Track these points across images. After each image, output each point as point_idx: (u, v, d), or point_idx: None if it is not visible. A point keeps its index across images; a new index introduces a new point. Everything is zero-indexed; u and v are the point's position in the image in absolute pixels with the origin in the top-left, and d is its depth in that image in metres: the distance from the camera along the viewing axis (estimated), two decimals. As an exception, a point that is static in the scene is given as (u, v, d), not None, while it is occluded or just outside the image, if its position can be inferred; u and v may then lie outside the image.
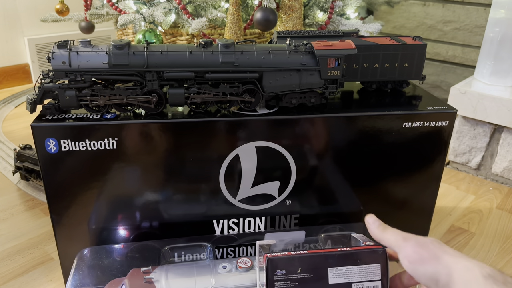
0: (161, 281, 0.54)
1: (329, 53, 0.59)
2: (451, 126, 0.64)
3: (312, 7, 0.99)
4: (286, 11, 0.93)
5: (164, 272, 0.56)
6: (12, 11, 1.77)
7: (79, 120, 0.56)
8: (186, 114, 0.60)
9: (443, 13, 1.40)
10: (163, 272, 0.56)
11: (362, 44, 0.64)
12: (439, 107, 0.64)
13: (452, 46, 1.41)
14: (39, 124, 0.55)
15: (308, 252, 0.45)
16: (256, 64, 0.58)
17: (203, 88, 0.58)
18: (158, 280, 0.54)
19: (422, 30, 1.45)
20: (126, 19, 0.90)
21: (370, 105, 0.67)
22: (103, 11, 1.00)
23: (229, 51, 0.57)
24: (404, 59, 0.67)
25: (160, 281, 0.54)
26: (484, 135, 1.07)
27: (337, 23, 1.00)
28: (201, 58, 0.57)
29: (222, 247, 0.67)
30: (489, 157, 1.09)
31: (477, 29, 1.34)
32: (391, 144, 0.64)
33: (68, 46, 0.55)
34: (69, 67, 0.55)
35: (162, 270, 0.56)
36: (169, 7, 0.92)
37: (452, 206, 0.96)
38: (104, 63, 0.55)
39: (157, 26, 0.96)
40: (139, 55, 0.55)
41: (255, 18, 0.88)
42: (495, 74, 1.05)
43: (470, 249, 0.81)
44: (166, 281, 0.54)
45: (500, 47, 1.03)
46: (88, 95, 0.56)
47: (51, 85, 0.56)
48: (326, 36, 0.68)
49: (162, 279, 0.55)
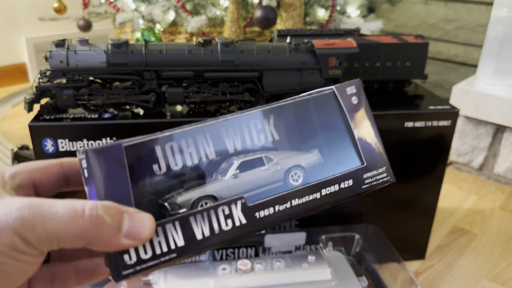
0: (160, 283, 0.54)
1: (330, 51, 0.58)
2: (453, 126, 0.64)
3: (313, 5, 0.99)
4: (286, 9, 0.93)
5: (163, 274, 0.55)
6: (10, 10, 1.76)
7: (76, 120, 0.55)
8: (185, 114, 0.59)
9: (445, 11, 1.39)
10: (161, 274, 0.55)
11: (364, 43, 0.64)
12: (441, 107, 0.63)
13: (454, 45, 1.40)
14: (36, 124, 0.54)
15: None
16: (256, 63, 0.57)
17: (202, 87, 0.57)
18: (156, 282, 0.54)
19: (423, 28, 1.44)
20: (125, 18, 0.89)
21: (372, 104, 0.65)
22: (101, 9, 0.99)
23: (229, 49, 0.56)
24: (406, 58, 0.66)
25: (158, 283, 0.54)
26: (486, 135, 1.06)
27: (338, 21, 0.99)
28: (200, 57, 0.56)
29: (221, 249, 0.66)
30: (491, 157, 1.08)
31: (479, 28, 1.33)
32: (393, 144, 0.63)
33: (66, 45, 0.54)
34: (67, 66, 0.54)
35: (160, 272, 0.56)
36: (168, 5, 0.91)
37: (454, 206, 0.96)
38: (102, 62, 0.54)
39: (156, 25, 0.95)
40: (137, 54, 0.55)
41: (255, 16, 0.87)
42: (498, 73, 1.05)
43: (472, 250, 0.80)
44: (165, 283, 0.54)
45: (503, 46, 1.02)
46: (86, 94, 0.55)
47: (48, 84, 0.55)
48: (327, 35, 0.68)
49: (161, 281, 0.54)
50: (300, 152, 0.29)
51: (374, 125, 0.31)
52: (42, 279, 0.26)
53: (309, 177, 0.28)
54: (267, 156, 0.28)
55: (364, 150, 0.30)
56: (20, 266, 0.20)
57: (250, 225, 0.26)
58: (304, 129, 0.29)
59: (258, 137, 0.28)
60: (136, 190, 0.24)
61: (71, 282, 0.26)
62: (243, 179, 0.27)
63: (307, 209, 0.27)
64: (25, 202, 0.20)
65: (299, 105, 0.29)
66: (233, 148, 0.27)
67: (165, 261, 0.24)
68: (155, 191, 0.25)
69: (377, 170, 0.30)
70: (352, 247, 0.65)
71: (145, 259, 0.23)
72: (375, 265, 0.62)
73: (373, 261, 0.63)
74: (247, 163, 0.27)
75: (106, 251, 0.22)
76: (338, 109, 0.30)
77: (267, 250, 0.65)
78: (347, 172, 0.29)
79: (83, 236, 0.21)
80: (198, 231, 0.25)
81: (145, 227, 0.22)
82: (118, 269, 0.23)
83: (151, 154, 0.25)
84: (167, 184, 0.25)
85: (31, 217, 0.20)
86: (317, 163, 0.29)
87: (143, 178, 0.25)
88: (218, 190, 0.26)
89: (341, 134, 0.30)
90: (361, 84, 0.31)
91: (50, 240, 0.20)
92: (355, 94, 0.31)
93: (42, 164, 0.26)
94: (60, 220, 0.20)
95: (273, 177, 0.28)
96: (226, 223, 0.25)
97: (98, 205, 0.21)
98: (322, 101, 0.30)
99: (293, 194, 0.27)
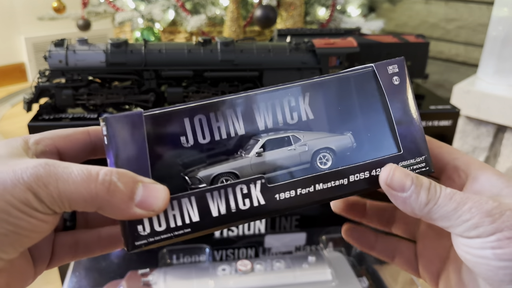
0: (159, 284, 0.53)
1: (330, 51, 0.58)
2: (454, 126, 0.63)
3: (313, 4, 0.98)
4: (286, 8, 0.92)
5: (162, 275, 0.55)
6: (9, 10, 1.76)
7: (76, 120, 0.55)
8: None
9: (446, 11, 1.39)
10: (161, 274, 0.55)
11: (364, 42, 0.63)
12: (442, 107, 0.63)
13: (455, 44, 1.40)
14: (35, 124, 0.54)
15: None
16: (256, 62, 0.57)
17: (202, 87, 0.57)
18: (156, 282, 0.54)
19: (424, 28, 1.44)
20: (124, 17, 0.89)
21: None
22: (101, 8, 0.98)
23: (229, 49, 0.56)
24: (407, 57, 0.66)
25: (158, 283, 0.54)
26: (487, 135, 1.06)
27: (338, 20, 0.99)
28: (200, 56, 0.56)
29: (221, 249, 0.66)
30: (492, 157, 1.07)
31: (480, 28, 1.33)
32: (394, 144, 0.63)
33: (65, 45, 0.54)
34: (66, 65, 0.54)
35: (160, 272, 0.55)
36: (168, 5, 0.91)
37: (455, 206, 0.95)
38: (101, 61, 0.54)
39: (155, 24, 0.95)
40: (137, 54, 0.54)
41: (255, 16, 0.87)
42: (499, 73, 1.04)
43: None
44: (165, 284, 0.53)
45: (504, 45, 1.02)
46: (85, 94, 0.55)
47: (47, 84, 0.55)
48: (327, 34, 0.67)
49: (160, 281, 0.54)
50: (331, 134, 0.27)
51: (416, 109, 0.28)
52: (65, 246, 0.26)
53: (339, 161, 0.26)
54: (294, 135, 0.26)
55: (402, 136, 0.27)
56: (33, 222, 0.20)
57: (269, 206, 0.25)
58: (340, 109, 0.27)
59: (291, 115, 0.26)
60: (160, 161, 0.24)
61: (94, 249, 0.26)
62: (267, 158, 0.26)
63: (333, 195, 0.26)
64: (42, 161, 0.21)
65: (340, 82, 0.27)
66: (264, 124, 0.26)
67: (179, 235, 0.23)
68: (180, 163, 0.24)
69: (414, 159, 0.27)
70: (353, 247, 0.65)
71: (159, 231, 0.23)
72: (375, 266, 0.61)
73: (373, 261, 0.62)
74: (273, 142, 0.26)
75: (118, 218, 0.22)
76: (377, 89, 0.27)
77: (267, 251, 0.65)
78: (380, 159, 0.26)
79: (94, 200, 0.21)
80: (214, 208, 0.24)
81: (159, 198, 0.22)
82: (132, 239, 0.23)
83: (178, 126, 0.24)
84: (192, 157, 0.25)
85: (45, 175, 0.20)
86: (349, 147, 0.27)
87: (167, 149, 0.24)
88: (240, 167, 0.25)
89: (378, 117, 0.27)
90: (405, 63, 0.28)
91: (62, 200, 0.20)
92: (397, 74, 0.28)
93: (67, 132, 0.25)
94: (73, 181, 0.20)
95: (299, 159, 0.26)
96: (243, 203, 0.24)
97: (113, 171, 0.21)
98: (361, 80, 0.27)
99: (318, 178, 0.25)
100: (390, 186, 0.24)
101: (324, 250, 0.64)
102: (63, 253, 0.26)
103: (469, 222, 0.22)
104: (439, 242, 0.29)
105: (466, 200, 0.23)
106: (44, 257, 0.25)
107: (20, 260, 0.23)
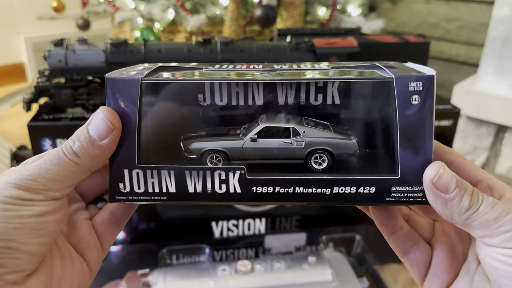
0: (159, 284, 0.53)
1: (330, 51, 0.58)
2: (454, 126, 0.63)
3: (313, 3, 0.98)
4: (287, 8, 0.92)
5: (162, 275, 0.55)
6: (9, 9, 1.75)
7: (75, 120, 0.55)
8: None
9: (446, 10, 1.38)
10: (161, 275, 0.55)
11: (365, 42, 0.63)
12: (443, 107, 0.63)
13: (455, 44, 1.39)
14: (35, 123, 0.53)
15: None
16: (256, 62, 0.57)
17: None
18: (155, 283, 0.54)
19: (425, 27, 1.43)
20: (124, 17, 0.89)
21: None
22: (100, 8, 0.98)
23: (229, 48, 0.56)
24: (407, 57, 0.65)
25: (158, 284, 0.53)
26: (488, 135, 1.06)
27: (338, 20, 0.99)
28: (199, 56, 0.55)
29: (221, 249, 0.66)
30: (493, 157, 1.07)
31: (480, 27, 1.33)
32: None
33: (65, 45, 0.54)
34: (66, 65, 0.54)
35: (160, 273, 0.55)
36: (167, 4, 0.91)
37: (455, 206, 0.95)
38: (101, 61, 0.54)
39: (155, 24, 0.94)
40: (136, 53, 0.54)
41: (255, 15, 0.87)
42: (499, 72, 1.04)
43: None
44: (164, 284, 0.53)
45: (504, 45, 1.01)
46: (84, 94, 0.55)
47: (47, 84, 0.55)
48: (327, 34, 0.67)
49: (160, 282, 0.54)
50: (335, 136, 0.25)
51: (430, 137, 0.24)
52: (104, 221, 0.27)
53: (335, 165, 0.25)
54: (295, 128, 0.25)
55: (403, 161, 0.24)
56: (35, 210, 0.21)
57: (244, 196, 0.25)
58: (357, 109, 0.25)
59: (316, 96, 0.25)
60: (166, 124, 0.25)
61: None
62: (260, 145, 0.25)
63: (311, 201, 0.25)
64: (19, 165, 0.23)
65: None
66: (284, 100, 0.25)
67: (155, 200, 0.25)
68: (186, 128, 0.25)
69: (411, 187, 0.24)
70: (353, 247, 0.65)
71: (138, 193, 0.25)
72: (376, 266, 0.61)
73: (374, 262, 0.62)
74: (271, 130, 0.25)
75: (87, 151, 0.23)
76: (393, 103, 0.24)
77: (267, 251, 0.65)
78: (372, 178, 0.24)
79: (74, 168, 0.23)
80: (191, 185, 0.25)
81: (101, 120, 0.24)
82: (113, 193, 0.25)
83: (192, 90, 0.25)
84: (196, 124, 0.26)
85: (27, 171, 0.22)
86: (350, 153, 0.25)
87: (167, 114, 0.25)
88: (232, 148, 0.25)
89: (387, 132, 0.25)
90: (434, 81, 0.24)
91: (52, 184, 0.22)
92: (419, 93, 0.24)
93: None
94: (49, 164, 0.22)
95: (294, 153, 0.25)
96: (220, 187, 0.25)
97: (69, 140, 0.24)
98: (380, 87, 0.25)
99: (299, 182, 0.24)
100: (436, 185, 0.22)
101: (324, 250, 0.63)
102: (107, 230, 0.27)
103: (509, 233, 0.22)
104: (454, 255, 0.28)
105: (508, 211, 0.22)
106: (91, 247, 0.25)
107: (62, 261, 0.24)
